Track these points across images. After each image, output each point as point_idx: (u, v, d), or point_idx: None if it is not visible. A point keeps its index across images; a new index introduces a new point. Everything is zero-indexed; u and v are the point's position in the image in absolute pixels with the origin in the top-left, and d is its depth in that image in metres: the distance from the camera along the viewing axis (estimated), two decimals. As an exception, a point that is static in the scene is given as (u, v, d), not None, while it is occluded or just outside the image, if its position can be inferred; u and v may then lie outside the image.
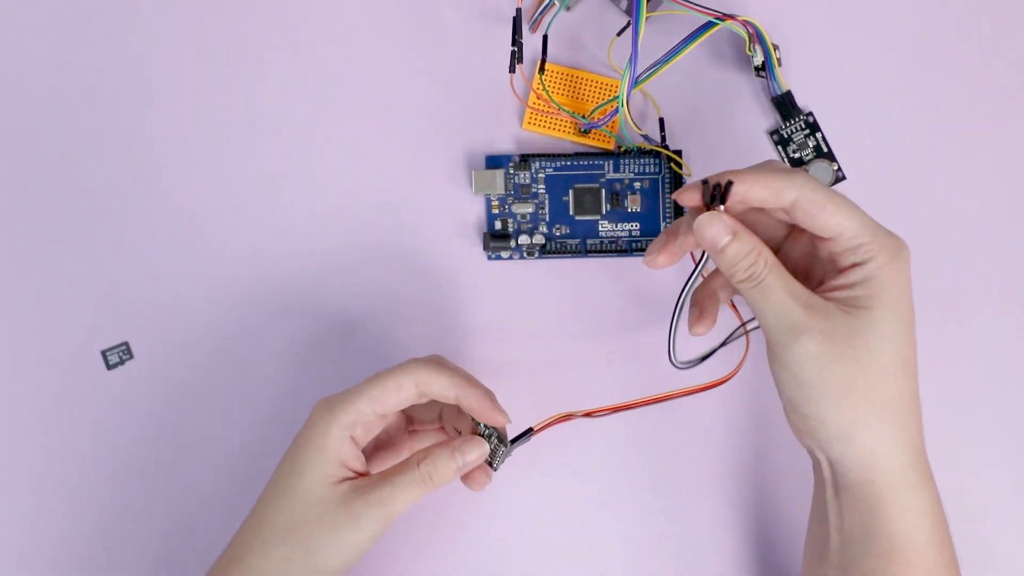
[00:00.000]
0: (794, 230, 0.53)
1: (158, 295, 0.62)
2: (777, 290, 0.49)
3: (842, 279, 0.49)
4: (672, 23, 0.61)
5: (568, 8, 0.63)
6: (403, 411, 0.58)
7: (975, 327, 0.62)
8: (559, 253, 0.62)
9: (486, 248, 0.61)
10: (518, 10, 0.59)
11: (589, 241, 0.62)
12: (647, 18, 0.56)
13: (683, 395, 0.56)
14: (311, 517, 0.52)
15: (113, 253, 0.62)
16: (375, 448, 0.57)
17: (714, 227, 0.49)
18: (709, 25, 0.58)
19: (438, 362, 0.54)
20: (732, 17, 0.59)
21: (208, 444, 0.61)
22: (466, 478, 0.55)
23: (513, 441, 0.54)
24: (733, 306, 0.58)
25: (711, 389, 0.56)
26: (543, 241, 0.62)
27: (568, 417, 0.55)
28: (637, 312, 0.62)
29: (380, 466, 0.57)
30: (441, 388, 0.53)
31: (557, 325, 0.62)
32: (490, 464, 0.55)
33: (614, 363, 0.62)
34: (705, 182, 0.50)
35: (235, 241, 0.62)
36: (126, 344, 0.61)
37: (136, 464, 0.61)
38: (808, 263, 0.52)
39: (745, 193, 0.49)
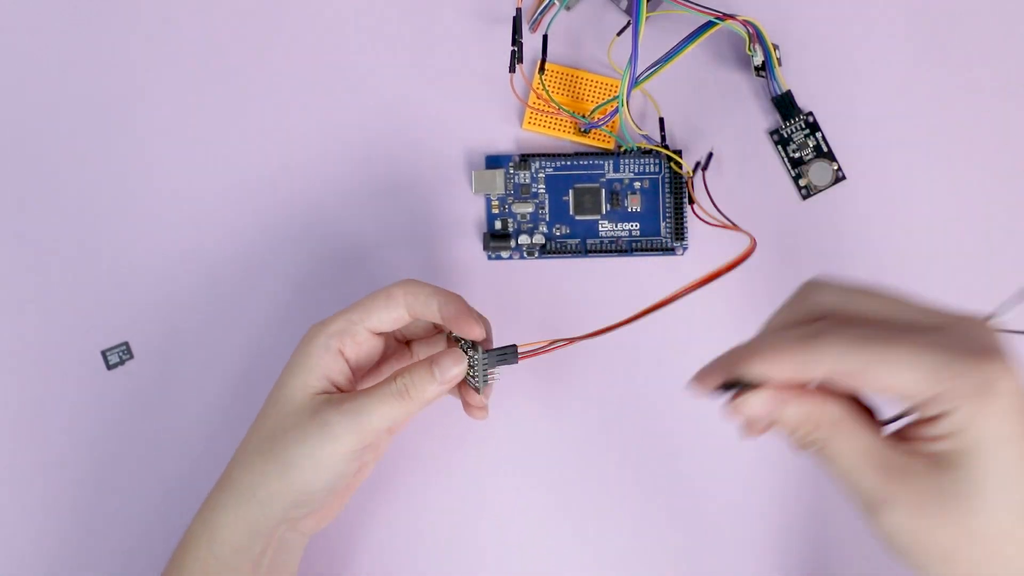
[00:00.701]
0: None
1: (158, 295, 0.62)
2: (845, 457, 0.40)
3: (927, 430, 0.39)
4: (672, 23, 0.61)
5: (568, 8, 0.63)
6: (408, 346, 0.57)
7: (975, 327, 0.62)
8: (559, 253, 0.62)
9: (486, 248, 0.61)
10: (518, 10, 0.59)
11: (589, 241, 0.62)
12: (647, 18, 0.56)
13: (688, 292, 0.49)
14: (287, 426, 0.51)
15: (113, 253, 0.62)
16: (374, 376, 0.57)
17: (750, 408, 0.41)
18: (709, 25, 0.58)
19: (429, 283, 0.54)
20: (732, 17, 0.59)
21: (207, 444, 0.61)
22: (465, 405, 0.54)
23: (495, 355, 0.53)
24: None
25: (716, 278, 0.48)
26: (543, 241, 0.62)
27: (556, 343, 0.53)
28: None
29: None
30: (426, 298, 0.52)
31: (557, 325, 0.62)
32: (474, 386, 0.53)
33: (614, 363, 0.62)
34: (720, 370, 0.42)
35: (235, 243, 0.62)
36: (126, 344, 0.61)
37: (134, 464, 0.61)
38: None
39: (767, 377, 0.40)
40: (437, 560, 0.61)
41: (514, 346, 0.53)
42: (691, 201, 0.61)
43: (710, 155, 0.49)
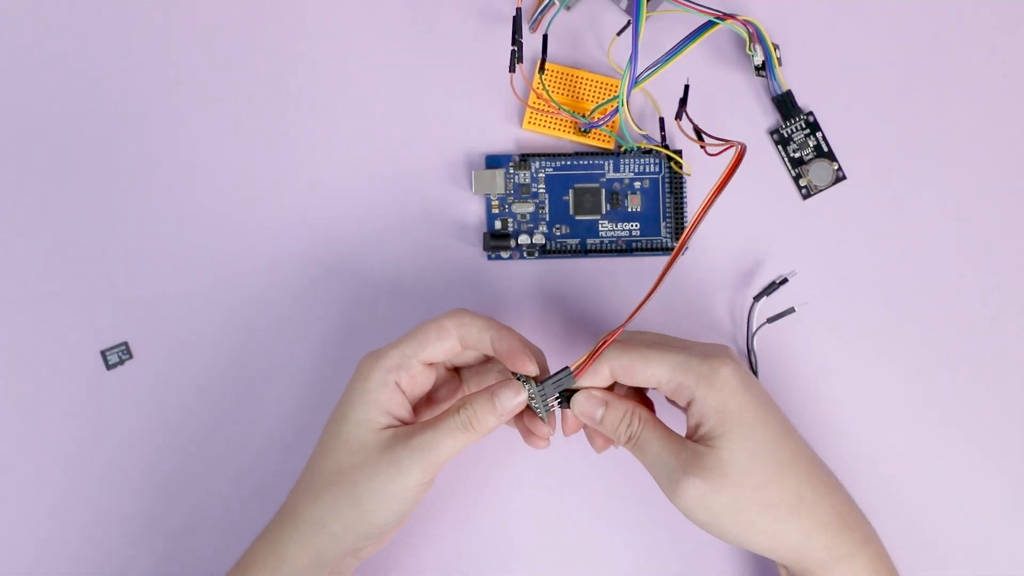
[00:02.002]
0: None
1: (158, 295, 0.62)
2: (652, 444, 0.52)
3: (689, 419, 0.53)
4: (672, 23, 0.61)
5: (568, 8, 0.63)
6: (457, 372, 0.58)
7: (975, 327, 0.62)
8: (559, 253, 0.62)
9: (486, 248, 0.61)
10: (518, 10, 0.59)
11: (589, 241, 0.62)
12: (647, 18, 0.56)
13: (703, 214, 0.51)
14: (356, 462, 0.52)
15: (113, 253, 0.62)
16: (428, 406, 0.57)
17: (586, 403, 0.54)
18: (709, 25, 0.58)
19: (482, 315, 0.55)
20: (732, 17, 0.59)
21: (207, 444, 0.61)
22: (527, 435, 0.55)
23: (551, 383, 0.53)
24: None
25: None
26: (543, 241, 0.62)
27: (608, 341, 0.52)
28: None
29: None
30: (478, 331, 0.54)
31: (557, 325, 0.62)
32: (540, 416, 0.54)
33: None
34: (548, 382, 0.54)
35: (234, 242, 0.62)
36: (125, 344, 0.61)
37: (136, 464, 0.61)
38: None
39: (582, 384, 0.54)
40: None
41: (567, 368, 0.53)
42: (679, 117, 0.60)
43: (686, 88, 0.56)
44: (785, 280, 0.61)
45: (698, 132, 0.59)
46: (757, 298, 0.61)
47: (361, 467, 0.52)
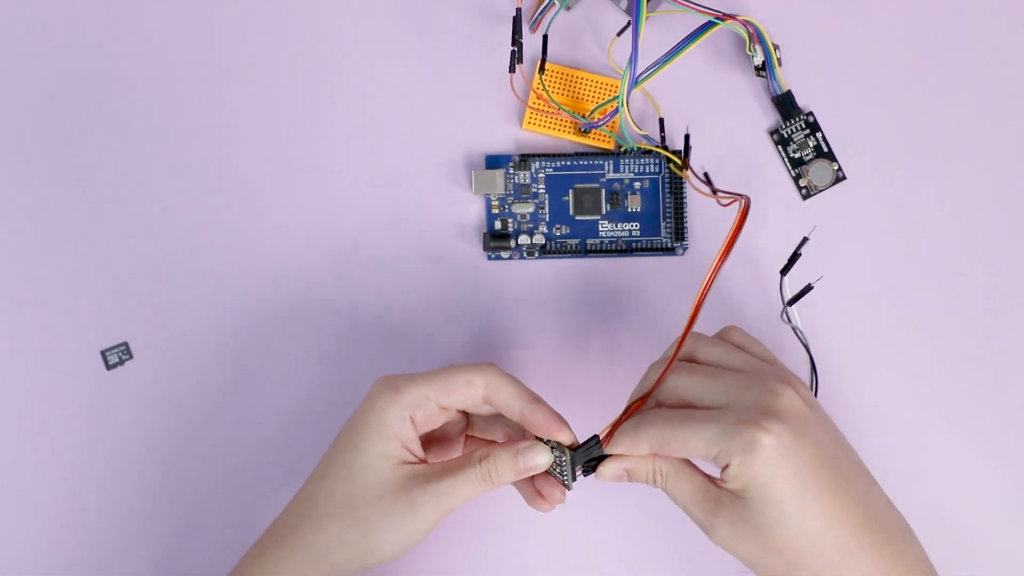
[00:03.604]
0: None
1: (158, 295, 0.62)
2: (681, 493, 0.52)
3: (722, 474, 0.51)
4: (672, 23, 0.61)
5: (568, 8, 0.63)
6: (466, 415, 0.57)
7: (976, 327, 0.62)
8: (559, 253, 0.62)
9: (486, 248, 0.61)
10: (518, 10, 0.59)
11: (589, 241, 0.62)
12: (647, 18, 0.56)
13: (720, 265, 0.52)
14: (370, 497, 0.51)
15: (113, 253, 0.62)
16: (428, 442, 0.56)
17: (610, 472, 0.53)
18: (709, 25, 0.58)
19: (513, 377, 0.54)
20: (732, 17, 0.59)
21: (207, 444, 0.61)
22: (533, 497, 0.54)
23: (581, 453, 0.53)
24: None
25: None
26: (543, 241, 0.62)
27: (630, 408, 0.53)
28: (638, 312, 0.62)
29: (431, 460, 0.56)
30: (509, 398, 0.53)
31: (557, 325, 0.62)
32: (560, 479, 0.54)
33: (614, 363, 0.62)
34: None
35: (234, 242, 0.62)
36: (125, 344, 0.61)
37: (136, 464, 0.61)
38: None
39: (615, 452, 0.53)
40: None
41: (596, 437, 0.53)
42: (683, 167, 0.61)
43: (687, 137, 0.56)
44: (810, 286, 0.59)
45: (708, 180, 0.59)
46: (784, 271, 0.59)
47: (376, 503, 0.51)
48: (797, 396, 0.51)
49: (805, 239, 0.59)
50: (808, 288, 0.58)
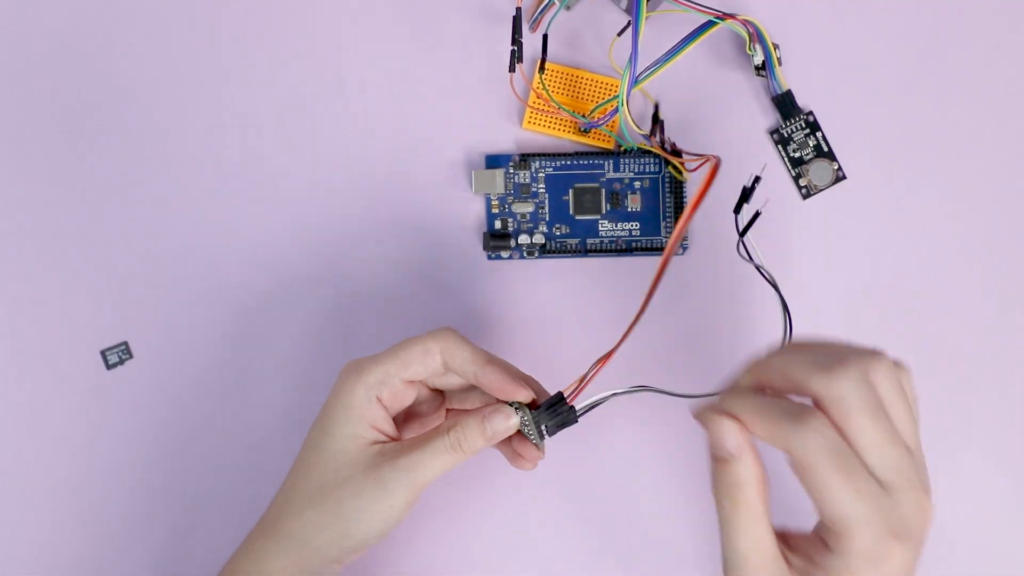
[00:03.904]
0: None
1: (158, 295, 0.62)
2: (762, 520, 0.44)
3: (820, 559, 0.44)
4: (672, 22, 0.61)
5: (568, 7, 0.63)
6: (440, 391, 0.57)
7: (976, 327, 0.62)
8: (559, 253, 0.62)
9: (486, 248, 0.61)
10: (518, 9, 0.59)
11: (589, 241, 0.62)
12: (647, 17, 0.56)
13: (682, 228, 0.49)
14: (340, 479, 0.52)
15: (113, 253, 0.62)
16: (407, 420, 0.57)
17: (722, 433, 0.44)
18: (709, 24, 0.58)
19: (469, 341, 0.54)
20: (732, 16, 0.59)
21: (207, 443, 0.61)
22: (514, 457, 0.55)
23: (544, 411, 0.53)
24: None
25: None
26: (543, 241, 0.62)
27: (593, 369, 0.53)
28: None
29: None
30: (463, 362, 0.53)
31: (557, 325, 0.62)
32: (534, 442, 0.54)
33: (615, 363, 0.62)
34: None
35: (234, 242, 0.62)
36: (125, 344, 0.61)
37: (136, 464, 0.61)
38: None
39: (745, 422, 0.44)
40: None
41: (560, 394, 0.53)
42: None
43: (656, 106, 0.56)
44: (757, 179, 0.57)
45: (675, 149, 0.59)
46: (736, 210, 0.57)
47: (346, 484, 0.51)
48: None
49: (758, 178, 0.57)
50: (757, 215, 0.57)
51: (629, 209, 0.62)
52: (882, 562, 0.42)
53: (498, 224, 0.62)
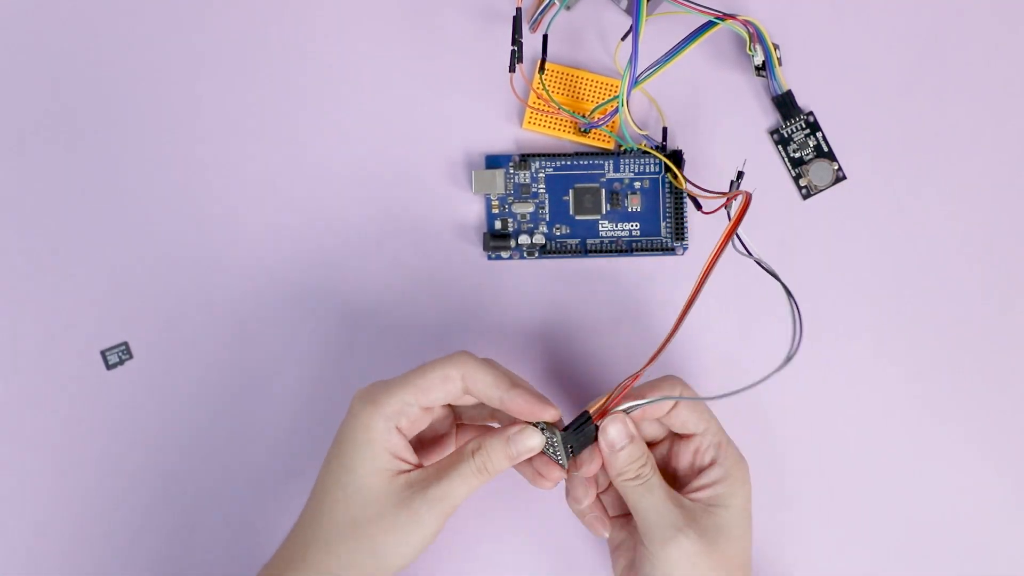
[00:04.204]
0: (664, 440, 0.58)
1: (158, 295, 0.62)
2: (659, 490, 0.53)
3: (704, 478, 0.55)
4: (672, 23, 0.61)
5: (568, 8, 0.62)
6: (451, 407, 0.57)
7: (976, 327, 0.62)
8: (559, 253, 0.62)
9: (486, 248, 0.61)
10: (518, 9, 0.59)
11: (589, 241, 0.62)
12: (647, 18, 0.56)
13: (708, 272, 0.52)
14: (371, 515, 0.51)
15: (113, 253, 0.62)
16: (419, 444, 0.56)
17: (617, 429, 0.53)
18: (709, 25, 0.58)
19: (488, 361, 0.54)
20: (732, 17, 0.59)
21: (207, 444, 0.61)
22: (535, 477, 0.55)
23: (572, 432, 0.53)
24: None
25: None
26: (543, 241, 0.62)
27: (624, 389, 0.53)
28: (637, 312, 0.62)
29: (424, 459, 0.56)
30: (486, 387, 0.52)
31: (557, 325, 0.62)
32: (555, 459, 0.54)
33: (614, 363, 0.62)
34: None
35: (234, 242, 0.62)
36: (125, 344, 0.61)
37: (136, 464, 0.61)
38: (672, 468, 0.57)
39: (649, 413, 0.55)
40: None
41: (586, 413, 0.53)
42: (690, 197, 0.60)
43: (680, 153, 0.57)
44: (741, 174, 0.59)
45: (695, 198, 0.59)
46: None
47: (378, 520, 0.51)
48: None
49: (741, 173, 0.58)
50: (741, 173, 0.58)
51: (629, 209, 0.62)
52: (743, 462, 0.55)
53: (498, 224, 0.62)
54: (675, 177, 0.61)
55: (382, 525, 0.51)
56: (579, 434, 0.53)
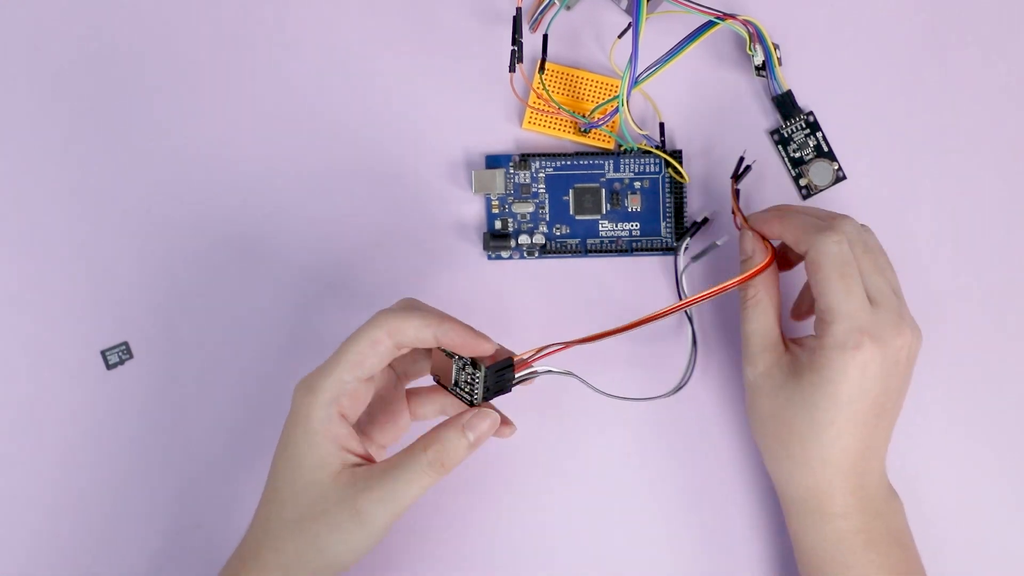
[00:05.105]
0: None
1: (158, 295, 0.61)
2: (770, 312, 0.56)
3: (808, 342, 0.56)
4: (672, 23, 0.61)
5: (568, 7, 0.62)
6: (391, 368, 0.56)
7: (975, 327, 0.62)
8: (559, 253, 0.62)
9: (486, 248, 0.61)
10: (518, 9, 0.59)
11: (589, 241, 0.62)
12: (647, 18, 0.56)
13: (688, 305, 0.56)
14: (316, 512, 0.50)
15: (112, 253, 0.62)
16: (370, 414, 0.55)
17: (748, 243, 0.57)
18: (709, 24, 0.58)
19: (408, 306, 0.52)
20: (732, 16, 0.59)
21: (207, 444, 0.61)
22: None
23: (496, 371, 0.51)
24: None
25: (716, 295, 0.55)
26: (543, 241, 0.62)
27: (564, 347, 0.53)
28: (638, 312, 0.62)
29: (380, 434, 0.56)
30: (416, 331, 0.50)
31: (557, 325, 0.62)
32: (460, 393, 0.52)
33: (614, 363, 0.62)
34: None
35: (234, 244, 0.62)
36: (125, 344, 0.61)
37: (135, 464, 0.61)
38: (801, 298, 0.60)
39: (779, 232, 0.56)
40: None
41: (511, 359, 0.52)
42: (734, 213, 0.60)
43: (743, 165, 0.59)
44: (706, 220, 0.61)
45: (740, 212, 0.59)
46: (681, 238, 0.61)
47: (322, 518, 0.49)
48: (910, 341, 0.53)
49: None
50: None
51: (629, 209, 0.62)
52: (852, 351, 0.51)
53: (498, 224, 0.62)
54: (677, 173, 0.61)
55: (326, 523, 0.49)
56: (499, 378, 0.51)
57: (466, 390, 0.52)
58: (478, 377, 0.51)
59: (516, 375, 0.53)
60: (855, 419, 0.52)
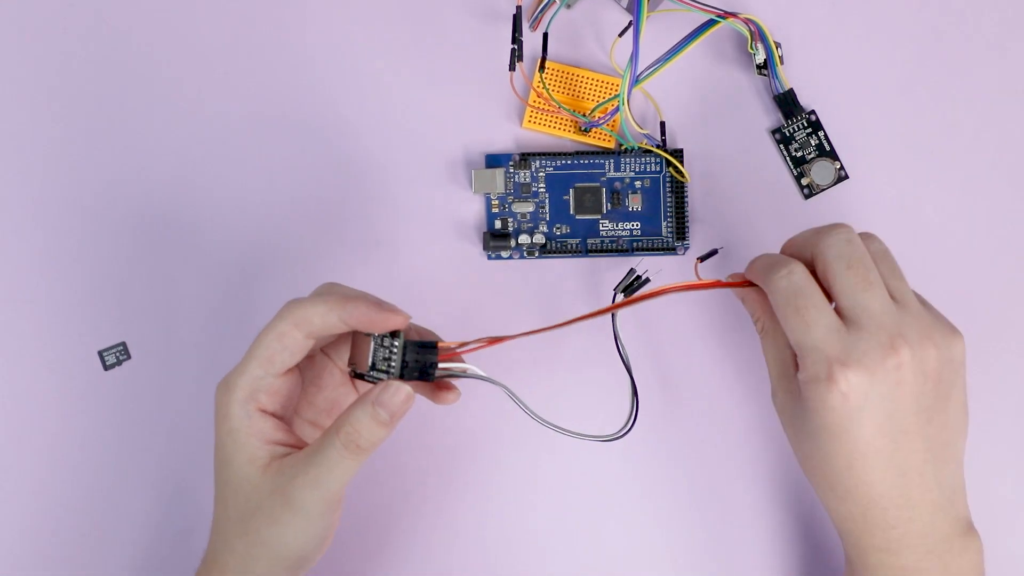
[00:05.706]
0: None
1: (157, 295, 0.61)
2: (779, 340, 0.53)
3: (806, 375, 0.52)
4: (673, 21, 0.60)
5: (568, 6, 0.62)
6: (326, 354, 0.55)
7: (977, 327, 0.62)
8: (559, 253, 0.62)
9: (486, 248, 0.61)
10: (518, 8, 0.59)
11: (590, 240, 0.62)
12: (648, 16, 0.56)
13: (648, 298, 0.53)
14: (252, 508, 0.49)
15: (111, 253, 0.61)
16: (303, 393, 0.54)
17: (739, 290, 0.56)
18: (711, 23, 0.58)
19: (319, 291, 0.51)
20: (734, 15, 0.59)
21: (205, 444, 0.61)
22: (433, 394, 0.52)
23: (417, 348, 0.50)
24: None
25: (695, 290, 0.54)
26: (543, 241, 0.62)
27: (491, 343, 0.52)
28: (637, 312, 0.62)
29: (314, 413, 0.54)
30: (321, 319, 0.49)
31: (557, 325, 0.62)
32: (377, 372, 0.50)
33: (614, 362, 0.61)
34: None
35: (233, 244, 0.62)
36: (123, 344, 0.61)
37: (132, 465, 0.61)
38: None
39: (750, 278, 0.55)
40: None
41: (435, 343, 0.50)
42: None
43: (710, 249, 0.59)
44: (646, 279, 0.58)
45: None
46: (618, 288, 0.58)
47: (258, 514, 0.49)
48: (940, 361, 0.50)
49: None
50: (646, 280, 0.57)
51: (630, 209, 0.62)
52: (826, 383, 0.48)
53: (498, 224, 0.62)
54: (679, 173, 0.61)
55: (264, 517, 0.49)
56: (421, 357, 0.50)
57: (383, 368, 0.49)
58: (396, 348, 0.49)
59: (441, 363, 0.50)
60: (862, 449, 0.49)
